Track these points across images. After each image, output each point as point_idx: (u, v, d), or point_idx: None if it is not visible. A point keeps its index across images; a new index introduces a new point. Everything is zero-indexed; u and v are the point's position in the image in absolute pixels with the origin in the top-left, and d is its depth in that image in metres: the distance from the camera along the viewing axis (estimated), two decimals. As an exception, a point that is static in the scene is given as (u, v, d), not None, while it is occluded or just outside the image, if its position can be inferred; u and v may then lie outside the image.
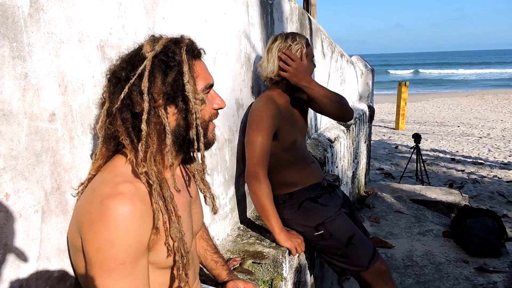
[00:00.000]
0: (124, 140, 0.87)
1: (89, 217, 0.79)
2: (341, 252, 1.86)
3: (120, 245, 0.77)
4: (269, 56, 1.82)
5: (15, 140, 0.83)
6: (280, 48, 1.79)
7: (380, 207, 4.41)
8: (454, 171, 6.96)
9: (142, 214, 0.81)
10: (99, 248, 0.77)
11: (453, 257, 3.25)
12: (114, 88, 0.88)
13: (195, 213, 1.07)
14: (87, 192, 0.86)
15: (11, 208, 0.83)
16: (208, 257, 1.27)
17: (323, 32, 3.59)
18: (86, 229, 0.79)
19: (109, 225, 0.77)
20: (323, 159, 2.90)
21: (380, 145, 9.08)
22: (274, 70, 1.80)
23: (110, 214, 0.77)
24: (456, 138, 9.83)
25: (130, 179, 0.84)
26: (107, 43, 1.08)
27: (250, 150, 1.76)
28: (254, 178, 1.74)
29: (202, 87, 0.93)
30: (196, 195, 1.11)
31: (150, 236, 0.85)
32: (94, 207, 0.79)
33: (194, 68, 0.92)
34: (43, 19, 0.89)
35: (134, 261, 0.80)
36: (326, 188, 1.99)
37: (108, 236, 0.77)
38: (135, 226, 0.79)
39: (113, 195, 0.79)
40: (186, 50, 0.91)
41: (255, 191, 1.75)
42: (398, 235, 3.73)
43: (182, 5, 1.40)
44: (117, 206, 0.78)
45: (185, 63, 0.89)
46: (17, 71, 0.83)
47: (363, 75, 5.61)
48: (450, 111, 14.82)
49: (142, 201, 0.82)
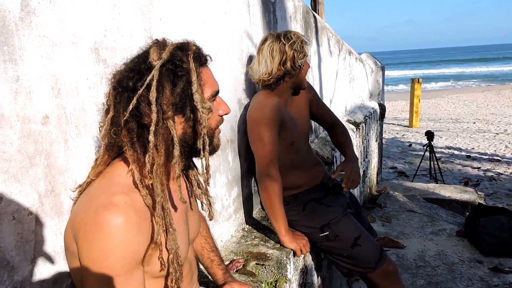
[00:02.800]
0: (128, 151, 0.86)
1: (84, 226, 0.78)
2: (347, 253, 1.83)
3: (115, 257, 0.77)
4: (260, 58, 1.75)
5: (7, 143, 0.84)
6: (272, 48, 1.71)
7: (392, 206, 4.35)
8: (469, 168, 6.83)
9: (137, 226, 0.80)
10: (94, 259, 0.77)
11: (466, 257, 3.19)
12: (120, 97, 0.86)
13: (191, 220, 1.06)
14: (84, 198, 0.85)
15: (4, 211, 0.83)
16: (204, 255, 1.26)
17: (330, 30, 3.56)
18: (81, 238, 0.78)
19: (103, 236, 0.76)
20: (331, 159, 2.87)
21: (393, 143, 8.97)
22: (266, 71, 1.73)
23: (104, 225, 0.76)
24: (471, 134, 9.65)
25: (127, 189, 0.83)
26: (102, 45, 1.08)
27: (259, 147, 1.71)
28: (267, 176, 1.70)
29: (209, 95, 0.92)
30: (193, 201, 1.10)
31: (147, 250, 0.85)
32: (89, 216, 0.78)
33: (201, 76, 0.90)
34: (34, 22, 0.89)
35: (129, 272, 0.79)
36: (331, 189, 1.97)
37: (102, 247, 0.76)
38: (129, 238, 0.78)
39: (108, 205, 0.78)
40: (194, 58, 0.88)
41: (267, 189, 1.70)
42: (410, 235, 3.67)
43: (179, 5, 1.39)
44: (111, 217, 0.77)
45: (193, 72, 0.87)
46: (8, 74, 0.84)
47: (373, 73, 5.54)
48: (465, 107, 14.57)
49: (137, 213, 0.81)
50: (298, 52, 1.72)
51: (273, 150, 1.70)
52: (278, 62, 1.71)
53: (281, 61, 1.71)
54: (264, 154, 1.70)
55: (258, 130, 1.70)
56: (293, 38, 1.72)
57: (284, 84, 1.80)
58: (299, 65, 1.75)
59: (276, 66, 1.72)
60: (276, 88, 1.80)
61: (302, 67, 1.79)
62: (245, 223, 1.99)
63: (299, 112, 1.97)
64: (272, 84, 1.78)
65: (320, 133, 3.35)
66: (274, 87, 1.80)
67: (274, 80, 1.76)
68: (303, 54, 1.76)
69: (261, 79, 1.76)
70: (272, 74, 1.73)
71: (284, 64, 1.72)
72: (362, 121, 4.28)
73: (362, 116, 4.42)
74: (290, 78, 1.79)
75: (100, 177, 0.89)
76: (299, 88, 1.92)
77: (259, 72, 1.75)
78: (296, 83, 1.83)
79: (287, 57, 1.71)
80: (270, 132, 1.69)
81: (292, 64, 1.72)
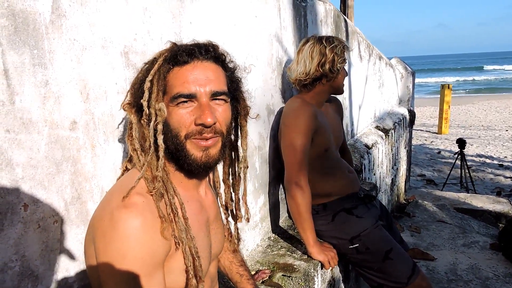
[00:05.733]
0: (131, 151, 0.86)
1: (102, 224, 0.77)
2: (378, 267, 1.75)
3: (132, 257, 0.74)
4: (299, 58, 1.74)
5: (34, 149, 0.82)
6: (312, 49, 1.70)
7: (421, 216, 4.20)
8: (502, 178, 6.56)
9: (154, 226, 0.78)
10: (112, 259, 0.74)
11: (501, 272, 3.03)
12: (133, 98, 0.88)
13: (214, 234, 1.02)
14: (103, 200, 0.84)
15: (30, 219, 0.81)
16: (233, 270, 1.22)
17: (360, 35, 3.47)
18: (99, 236, 0.76)
19: (120, 236, 0.74)
20: (359, 166, 2.79)
21: (421, 150, 8.73)
22: (304, 71, 1.72)
23: (120, 225, 0.74)
24: (504, 143, 9.28)
25: (142, 191, 0.81)
26: (132, 49, 1.05)
27: (290, 154, 1.69)
28: (296, 184, 1.67)
29: (171, 95, 0.84)
30: (217, 214, 1.06)
31: (169, 250, 0.81)
32: (106, 214, 0.77)
33: (169, 75, 0.85)
34: (65, 26, 0.87)
35: (148, 274, 0.76)
36: (362, 199, 1.89)
37: (119, 247, 0.74)
38: (146, 238, 0.76)
39: (124, 206, 0.76)
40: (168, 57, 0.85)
41: (295, 198, 1.67)
42: (440, 247, 3.53)
43: (210, 9, 1.36)
44: (127, 217, 0.75)
45: (153, 71, 0.84)
46: (37, 78, 0.82)
47: (403, 78, 5.40)
48: (497, 114, 14.06)
49: (153, 213, 0.79)
50: (339, 56, 1.72)
51: (303, 158, 1.67)
52: (317, 63, 1.70)
53: (320, 63, 1.70)
54: (295, 162, 1.67)
55: (290, 137, 1.68)
56: (335, 42, 1.72)
57: (320, 87, 1.77)
58: (337, 69, 1.74)
59: (314, 67, 1.71)
60: (312, 90, 1.78)
61: (340, 71, 1.77)
62: (272, 231, 1.94)
63: (333, 119, 1.94)
64: (309, 84, 1.76)
65: (348, 140, 3.26)
66: (310, 88, 1.78)
67: (311, 81, 1.74)
68: (343, 59, 1.75)
69: (298, 78, 1.75)
70: (309, 74, 1.72)
71: (322, 66, 1.70)
72: (391, 127, 4.16)
73: (392, 123, 4.30)
74: (327, 81, 1.76)
75: (124, 176, 0.89)
76: (336, 93, 1.88)
77: (296, 71, 1.75)
78: (333, 87, 1.80)
79: (327, 59, 1.70)
80: (303, 140, 1.67)
81: (331, 67, 1.71)
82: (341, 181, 1.86)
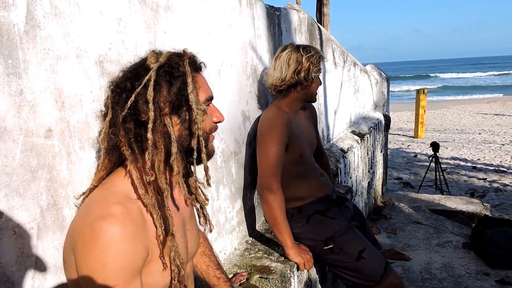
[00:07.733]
0: (125, 151, 0.87)
1: (82, 237, 0.78)
2: (351, 266, 1.80)
3: (112, 267, 0.77)
4: (276, 64, 1.79)
5: (9, 157, 0.83)
6: (289, 57, 1.76)
7: (397, 217, 4.30)
8: (475, 179, 6.76)
9: (134, 235, 0.80)
10: (92, 270, 0.76)
11: (473, 270, 3.14)
12: (118, 98, 0.88)
13: (190, 234, 1.05)
14: (82, 209, 0.85)
15: (5, 226, 0.83)
16: (210, 273, 1.24)
17: (335, 42, 3.56)
18: (79, 248, 0.78)
19: (101, 247, 0.76)
20: (335, 170, 2.85)
21: (398, 154, 8.92)
22: (280, 77, 1.77)
23: (101, 236, 0.76)
24: (477, 145, 9.58)
25: (123, 200, 0.83)
26: (106, 58, 1.08)
27: (264, 161, 1.73)
28: (268, 189, 1.72)
29: (203, 99, 0.94)
30: (191, 215, 1.09)
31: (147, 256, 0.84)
32: (86, 227, 0.78)
33: (196, 80, 0.94)
34: (39, 36, 0.90)
35: (127, 282, 0.79)
36: (335, 201, 1.95)
37: (100, 258, 0.76)
38: (127, 248, 0.78)
39: (104, 216, 0.78)
40: (189, 63, 0.92)
41: (269, 202, 1.72)
42: (416, 247, 3.62)
43: (184, 18, 1.40)
44: (108, 228, 0.77)
45: (188, 74, 0.90)
46: (12, 87, 0.84)
47: (378, 84, 5.54)
48: (471, 118, 14.49)
49: (133, 222, 0.81)
50: (314, 66, 1.78)
51: (276, 165, 1.73)
52: (293, 70, 1.76)
53: (295, 70, 1.76)
54: (267, 168, 1.72)
55: (265, 144, 1.73)
56: (312, 52, 1.78)
57: (295, 94, 1.82)
58: (312, 78, 1.80)
59: (290, 74, 1.76)
60: (287, 96, 1.84)
61: (315, 80, 1.83)
62: (249, 235, 1.97)
63: (307, 125, 2.00)
64: (284, 90, 1.81)
65: (324, 144, 3.33)
66: (285, 94, 1.83)
67: (286, 87, 1.79)
68: (318, 69, 1.81)
69: (274, 83, 1.80)
70: (285, 80, 1.77)
71: (298, 73, 1.76)
72: (367, 132, 4.25)
73: (367, 127, 4.40)
74: (302, 88, 1.82)
75: (98, 187, 0.90)
76: (309, 101, 1.94)
77: (273, 77, 1.80)
78: (307, 94, 1.86)
79: (302, 67, 1.76)
80: (277, 147, 1.72)
81: (306, 75, 1.77)
82: (314, 184, 1.92)
